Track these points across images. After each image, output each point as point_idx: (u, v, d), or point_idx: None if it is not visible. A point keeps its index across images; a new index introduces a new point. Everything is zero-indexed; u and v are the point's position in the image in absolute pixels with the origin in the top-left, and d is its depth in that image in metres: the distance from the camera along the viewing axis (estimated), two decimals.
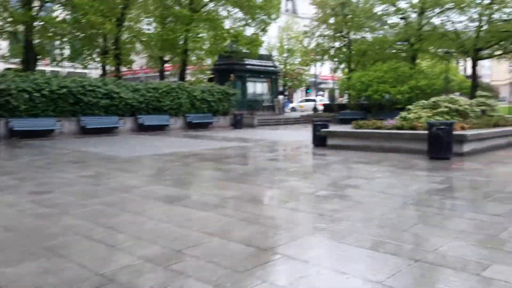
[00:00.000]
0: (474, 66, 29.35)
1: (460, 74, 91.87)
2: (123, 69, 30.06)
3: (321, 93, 61.62)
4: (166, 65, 32.23)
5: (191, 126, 22.64)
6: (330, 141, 13.06)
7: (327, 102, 42.04)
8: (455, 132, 10.54)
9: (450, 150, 10.18)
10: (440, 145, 10.10)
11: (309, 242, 4.25)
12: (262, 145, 14.66)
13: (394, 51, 32.02)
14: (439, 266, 3.58)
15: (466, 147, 10.82)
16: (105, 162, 10.37)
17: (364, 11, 30.17)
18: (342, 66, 35.03)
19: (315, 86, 71.68)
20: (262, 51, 32.91)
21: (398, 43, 31.74)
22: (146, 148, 13.36)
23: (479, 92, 16.33)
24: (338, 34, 33.51)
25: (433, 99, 14.04)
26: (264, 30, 28.21)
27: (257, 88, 32.55)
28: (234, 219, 5.12)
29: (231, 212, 5.46)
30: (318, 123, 13.65)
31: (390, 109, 26.31)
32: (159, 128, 21.26)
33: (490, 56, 30.42)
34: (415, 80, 26.25)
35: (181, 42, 26.21)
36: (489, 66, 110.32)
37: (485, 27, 26.86)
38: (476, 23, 27.58)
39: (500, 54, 29.22)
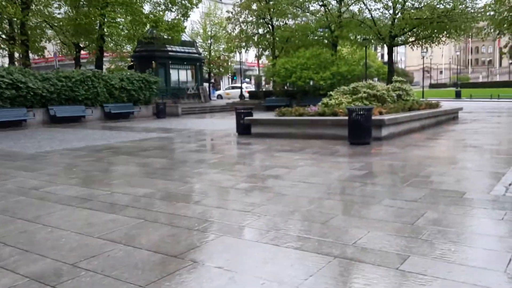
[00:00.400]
0: (390, 52, 30.71)
1: (378, 60, 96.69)
2: (35, 57, 27.75)
3: (247, 80, 61.69)
4: (82, 52, 30.20)
5: (110, 116, 21.39)
6: (254, 130, 12.84)
7: (254, 89, 42.07)
8: (373, 117, 10.75)
9: (370, 135, 10.36)
10: (360, 131, 10.24)
11: (224, 244, 3.91)
12: (185, 135, 14.11)
13: (316, 37, 32.64)
14: (358, 262, 3.40)
15: (384, 131, 11.10)
16: (5, 159, 9.31)
17: None
18: (267, 52, 35.09)
19: (242, 73, 71.52)
20: (185, 37, 31.96)
21: (320, 30, 32.39)
22: (56, 143, 12.27)
23: (395, 78, 16.97)
24: (261, 21, 33.40)
25: (352, 85, 14.32)
26: (185, 15, 27.32)
27: (181, 75, 31.64)
28: (144, 220, 4.65)
29: (141, 212, 4.96)
30: (242, 111, 13.36)
31: (314, 95, 26.75)
32: (74, 120, 19.84)
33: (404, 43, 31.98)
34: (337, 66, 26.87)
35: (96, 27, 24.62)
36: (403, 53, 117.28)
37: (399, 15, 28.09)
38: (391, 11, 28.81)
39: (413, 41, 30.79)
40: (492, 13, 26.80)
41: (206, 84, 38.24)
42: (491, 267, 3.24)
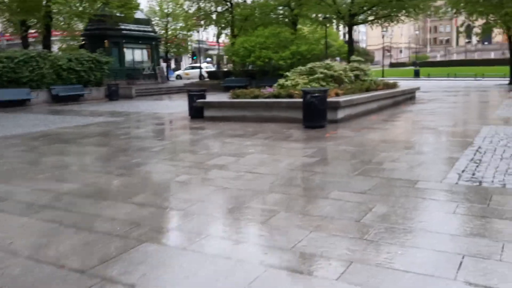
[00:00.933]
0: (350, 31, 30.46)
1: (340, 39, 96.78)
2: None
3: (209, 59, 60.37)
4: (30, 31, 28.29)
5: (58, 99, 20.13)
6: (207, 113, 12.22)
7: (214, 69, 41.13)
8: (329, 99, 10.37)
9: (325, 118, 9.98)
10: (315, 113, 9.83)
11: (145, 253, 3.39)
12: (134, 119, 13.35)
13: (276, 16, 31.95)
14: (292, 273, 2.97)
15: (341, 114, 10.76)
16: None
17: None
18: (226, 31, 34.16)
19: (203, 52, 69.92)
20: (140, 15, 30.55)
21: (279, 8, 31.72)
22: None
23: (352, 57, 16.68)
24: None
25: (309, 65, 13.89)
26: None
27: (136, 55, 30.33)
28: (59, 225, 4.05)
29: (59, 215, 4.35)
30: (194, 93, 12.71)
31: (274, 75, 26.21)
32: (18, 104, 18.53)
33: (364, 22, 31.81)
34: (296, 46, 26.37)
35: (42, 4, 22.99)
36: (365, 32, 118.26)
37: None
38: None
39: (373, 20, 30.65)
40: None
41: (164, 64, 36.99)
42: (440, 273, 2.88)
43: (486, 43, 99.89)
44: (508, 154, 6.26)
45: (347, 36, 44.08)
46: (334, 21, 31.68)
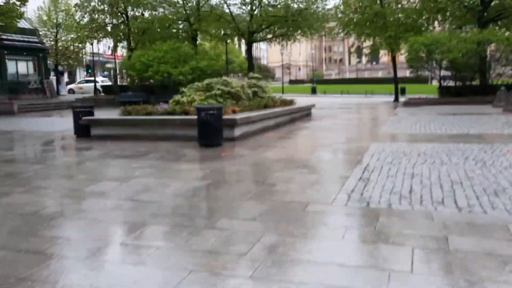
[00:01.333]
0: (249, 48, 30.93)
1: (242, 56, 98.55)
2: None
3: (106, 73, 57.47)
4: None
5: None
6: (94, 131, 11.25)
7: (111, 83, 39.08)
8: (225, 116, 10.10)
9: (221, 136, 9.66)
10: (210, 131, 9.47)
11: None
12: (8, 139, 11.86)
13: (175, 30, 31.40)
14: None
15: (237, 131, 10.53)
16: None
17: None
18: (122, 44, 32.71)
19: (99, 65, 66.43)
20: (25, 24, 28.03)
21: (179, 22, 31.24)
22: None
23: (251, 74, 16.73)
24: (115, 10, 30.89)
25: (206, 81, 13.58)
26: (22, 0, 23.74)
27: (20, 67, 27.65)
28: None
29: None
30: (80, 109, 11.65)
31: (174, 90, 25.50)
32: None
33: (262, 39, 32.56)
34: (196, 61, 26.02)
35: None
36: (265, 49, 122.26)
37: (256, 11, 28.36)
38: (249, 7, 28.95)
39: (271, 38, 31.49)
40: (340, 14, 28.65)
41: (54, 78, 34.31)
42: None
43: (374, 63, 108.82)
44: (393, 172, 6.41)
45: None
46: (233, 37, 31.94)
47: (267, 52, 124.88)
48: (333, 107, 23.45)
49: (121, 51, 37.23)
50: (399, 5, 27.37)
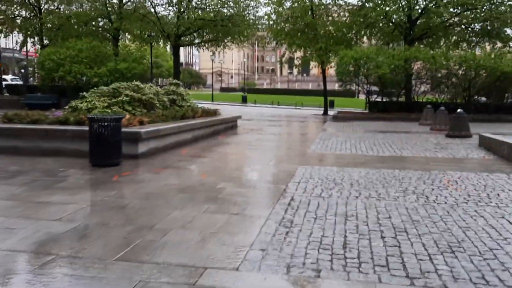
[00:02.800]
0: (176, 52, 29.07)
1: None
2: None
3: (23, 71, 52.52)
4: None
5: None
6: None
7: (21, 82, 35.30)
8: (126, 129, 8.36)
9: (119, 153, 7.90)
10: (105, 148, 7.67)
11: None
12: None
13: (95, 28, 28.76)
14: None
15: (143, 147, 8.82)
16: None
17: None
18: (33, 40, 29.47)
19: (14, 63, 60.97)
20: None
21: (99, 20, 28.72)
22: None
23: (169, 80, 15.03)
24: (26, 1, 27.68)
25: (113, 85, 11.71)
26: None
27: None
28: None
29: None
30: None
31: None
32: None
33: (190, 44, 30.87)
34: (114, 62, 23.74)
35: None
36: (198, 55, 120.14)
37: (185, 13, 26.65)
38: (176, 8, 27.17)
39: (199, 43, 29.89)
40: (271, 22, 27.75)
41: None
42: None
43: (305, 75, 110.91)
44: (322, 211, 5.10)
45: (181, 57, 42.88)
46: (159, 39, 29.92)
47: (199, 58, 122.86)
48: (261, 119, 22.33)
49: (25, 47, 33.71)
50: (330, 18, 27.02)
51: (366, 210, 5.16)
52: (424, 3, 23.76)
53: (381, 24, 25.20)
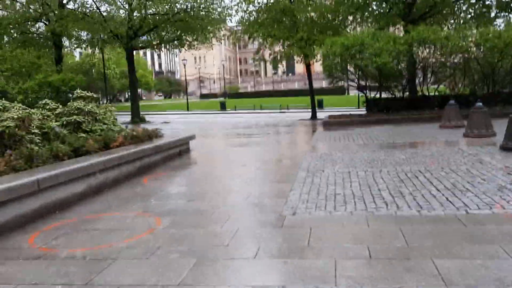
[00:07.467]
0: (130, 57, 24.24)
1: (149, 69, 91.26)
2: None
3: None
4: None
5: None
6: None
7: None
8: None
9: None
10: None
11: None
12: None
13: (29, 33, 23.81)
14: None
15: None
16: None
17: None
18: None
19: None
20: None
21: (33, 23, 23.82)
22: None
23: (77, 92, 10.19)
24: None
25: None
26: None
27: None
28: None
29: None
30: None
31: None
32: None
33: (146, 46, 26.10)
34: (44, 74, 18.87)
35: None
36: (179, 62, 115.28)
37: (134, 4, 21.87)
38: (125, 3, 22.43)
39: (158, 44, 25.08)
40: (241, 13, 23.07)
41: None
42: None
43: (290, 74, 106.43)
44: None
45: (162, 65, 38.12)
46: (108, 42, 25.03)
47: (180, 65, 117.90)
48: (230, 133, 17.58)
49: None
50: (311, 1, 22.35)
51: None
52: None
53: (373, 4, 20.60)
